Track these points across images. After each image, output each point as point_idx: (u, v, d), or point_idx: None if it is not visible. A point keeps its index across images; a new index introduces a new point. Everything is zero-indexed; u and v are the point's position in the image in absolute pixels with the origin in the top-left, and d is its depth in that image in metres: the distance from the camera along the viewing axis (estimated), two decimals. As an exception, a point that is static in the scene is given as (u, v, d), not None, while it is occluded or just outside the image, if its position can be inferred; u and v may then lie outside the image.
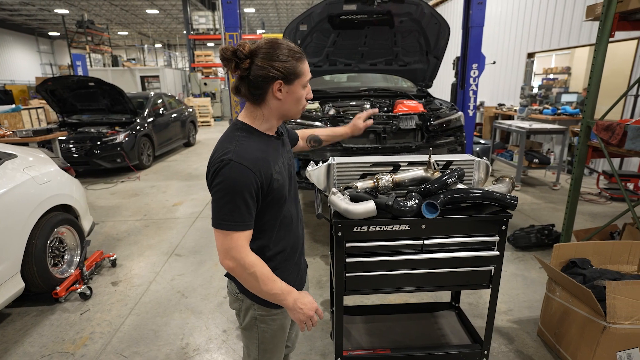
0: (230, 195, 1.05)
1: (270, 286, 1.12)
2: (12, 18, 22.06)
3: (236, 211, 1.06)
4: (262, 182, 1.10)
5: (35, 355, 2.21)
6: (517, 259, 3.26)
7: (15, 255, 2.42)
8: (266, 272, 1.12)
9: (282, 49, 1.09)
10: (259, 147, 1.13)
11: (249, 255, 1.10)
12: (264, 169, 1.10)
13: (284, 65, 1.07)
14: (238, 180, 1.05)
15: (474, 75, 4.65)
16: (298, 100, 1.15)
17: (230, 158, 1.05)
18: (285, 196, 1.20)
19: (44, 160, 2.97)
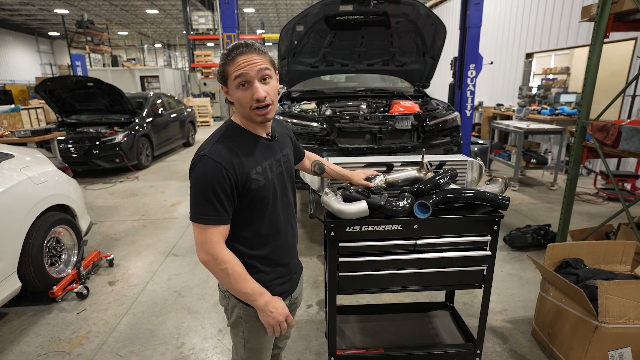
0: (204, 190, 1.08)
1: (241, 285, 1.13)
2: (12, 18, 22.08)
3: (210, 205, 1.08)
4: (237, 180, 1.11)
5: (32, 354, 2.23)
6: (513, 259, 3.27)
7: (11, 255, 2.43)
8: (238, 270, 1.13)
9: (223, 53, 1.13)
10: (238, 145, 1.15)
11: (223, 251, 1.11)
12: (239, 166, 1.11)
13: (220, 69, 1.13)
14: (210, 175, 1.07)
15: (471, 75, 4.66)
16: (239, 102, 1.13)
17: (205, 153, 1.10)
18: (267, 197, 1.20)
19: (41, 160, 2.98)
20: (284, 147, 1.32)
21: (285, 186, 1.30)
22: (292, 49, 3.54)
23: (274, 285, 1.29)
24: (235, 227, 1.18)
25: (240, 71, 1.07)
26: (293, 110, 3.44)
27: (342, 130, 3.14)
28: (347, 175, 1.72)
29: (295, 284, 1.43)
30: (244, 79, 1.08)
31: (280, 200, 1.27)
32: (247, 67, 1.07)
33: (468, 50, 4.60)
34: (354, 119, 3.12)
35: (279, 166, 1.27)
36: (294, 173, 1.40)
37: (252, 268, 1.24)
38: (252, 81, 1.09)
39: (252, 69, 1.08)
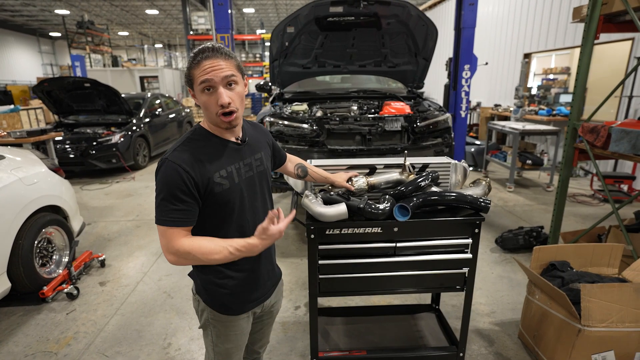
0: (164, 193, 1.09)
1: (219, 257, 1.09)
2: (13, 19, 22.16)
3: (170, 208, 1.09)
4: (198, 183, 1.10)
5: (19, 354, 2.24)
6: (504, 261, 3.26)
7: (1, 256, 2.45)
8: (205, 247, 1.09)
9: (190, 56, 1.13)
10: (203, 150, 1.15)
11: (183, 244, 1.09)
12: (200, 170, 1.11)
13: (185, 73, 1.14)
14: (171, 178, 1.08)
15: (465, 76, 4.65)
16: (204, 106, 1.12)
17: (167, 157, 1.11)
18: (232, 202, 1.18)
19: (33, 161, 2.99)
20: (255, 151, 1.30)
21: (255, 190, 1.27)
22: (283, 50, 3.55)
23: (241, 292, 1.28)
24: (203, 232, 1.18)
25: (205, 76, 1.07)
26: (284, 112, 3.45)
27: (332, 131, 3.14)
28: (330, 177, 1.72)
29: (268, 291, 1.39)
30: (209, 84, 1.08)
31: (250, 204, 1.25)
32: (212, 73, 1.07)
33: (463, 51, 4.59)
34: (344, 121, 3.12)
35: (249, 170, 1.25)
36: (269, 177, 1.38)
37: (220, 273, 1.24)
38: (217, 87, 1.08)
39: (217, 74, 1.07)
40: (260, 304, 1.37)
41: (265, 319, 1.49)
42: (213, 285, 1.24)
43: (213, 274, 1.24)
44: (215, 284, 1.24)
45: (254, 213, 1.27)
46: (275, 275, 1.44)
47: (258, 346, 1.57)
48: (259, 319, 1.45)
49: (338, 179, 1.71)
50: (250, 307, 1.32)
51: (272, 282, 1.42)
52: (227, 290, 1.25)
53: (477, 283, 2.92)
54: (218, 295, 1.25)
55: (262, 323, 1.49)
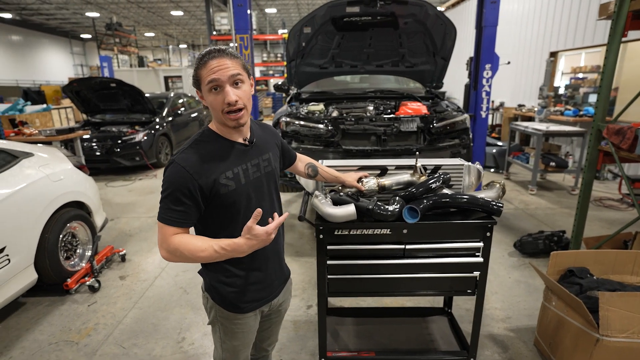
0: (168, 193, 1.12)
1: (205, 255, 1.11)
2: (48, 22, 23.19)
3: (173, 207, 1.12)
4: (202, 186, 1.13)
5: (44, 342, 2.35)
6: (522, 266, 3.18)
7: (29, 248, 2.58)
8: (192, 244, 1.11)
9: (197, 57, 1.15)
10: (208, 151, 1.17)
11: (172, 240, 1.11)
12: (205, 173, 1.13)
13: (193, 74, 1.16)
14: (175, 180, 1.12)
15: (487, 76, 4.54)
16: (211, 105, 1.15)
17: (174, 159, 1.14)
18: (239, 203, 1.20)
19: (60, 158, 3.13)
20: (264, 152, 1.31)
21: (262, 191, 1.28)
22: (300, 51, 3.57)
23: (248, 291, 1.30)
24: (209, 231, 1.21)
25: (212, 75, 1.09)
26: (300, 112, 3.47)
27: (347, 132, 3.14)
28: (340, 177, 1.72)
29: (276, 291, 1.40)
30: (216, 83, 1.10)
31: (257, 205, 1.25)
32: (219, 72, 1.09)
33: (484, 50, 4.48)
34: (359, 121, 3.12)
35: (256, 171, 1.26)
36: (277, 178, 1.39)
37: (227, 271, 1.26)
38: (224, 85, 1.10)
39: (223, 73, 1.09)
40: (268, 303, 1.38)
41: (273, 318, 1.50)
42: (221, 284, 1.27)
43: (221, 272, 1.26)
44: (223, 282, 1.27)
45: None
46: (283, 275, 1.46)
47: (266, 344, 1.60)
48: (267, 318, 1.47)
49: (348, 178, 1.71)
50: (257, 305, 1.33)
51: (280, 282, 1.43)
52: (235, 288, 1.27)
53: (493, 287, 2.85)
54: (226, 293, 1.27)
55: (270, 321, 1.51)
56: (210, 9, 16.08)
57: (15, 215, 2.47)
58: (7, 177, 2.55)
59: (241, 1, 4.30)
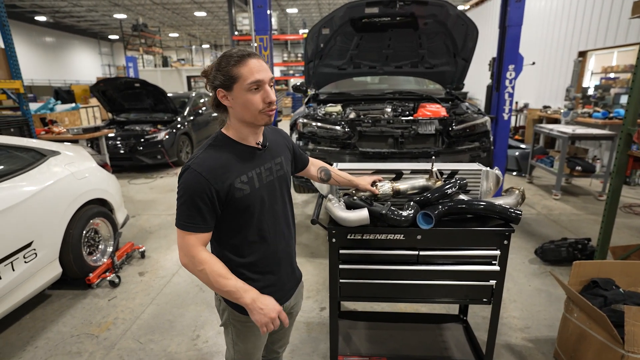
0: (185, 199, 1.13)
1: (222, 283, 1.13)
2: (78, 24, 24.10)
3: (190, 214, 1.13)
4: (219, 190, 1.14)
5: (66, 334, 2.44)
6: (543, 274, 3.07)
7: (54, 243, 2.68)
8: (217, 269, 1.14)
9: (225, 58, 1.14)
10: (225, 156, 1.18)
11: (201, 253, 1.14)
12: (221, 177, 1.14)
13: (221, 73, 1.14)
14: (192, 185, 1.12)
15: (510, 77, 4.40)
16: (245, 105, 1.14)
17: (189, 165, 1.15)
18: (252, 206, 1.21)
19: (84, 157, 3.24)
20: (276, 155, 1.33)
21: (275, 194, 1.30)
22: (318, 52, 3.57)
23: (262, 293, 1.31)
24: (223, 235, 1.23)
25: (257, 76, 1.11)
26: (318, 113, 3.47)
27: (364, 133, 3.11)
28: (354, 181, 1.70)
29: (289, 293, 1.42)
30: (259, 83, 1.12)
31: (270, 208, 1.27)
32: (262, 72, 1.12)
33: (507, 50, 4.35)
34: (376, 123, 3.09)
35: (269, 175, 1.28)
36: (289, 182, 1.41)
37: (240, 275, 1.25)
38: (264, 85, 1.13)
39: (265, 74, 1.13)
40: (282, 306, 1.39)
41: None
42: None
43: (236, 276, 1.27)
44: None
45: (273, 217, 1.30)
46: (295, 278, 1.46)
47: (277, 346, 1.60)
48: None
49: (362, 182, 1.69)
50: None
51: (292, 285, 1.44)
52: None
53: (512, 295, 2.77)
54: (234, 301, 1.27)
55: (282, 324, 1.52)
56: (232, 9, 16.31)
57: (42, 211, 2.57)
58: (36, 175, 2.66)
59: (261, 2, 4.33)
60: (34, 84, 20.07)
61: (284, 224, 1.36)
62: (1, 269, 2.28)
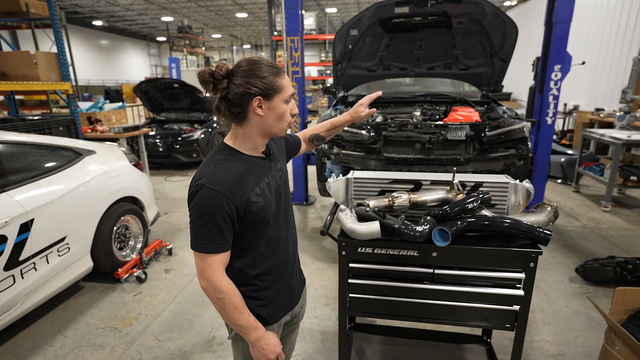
0: (204, 220, 1.08)
1: (236, 317, 1.14)
2: (130, 27, 25.58)
3: (209, 235, 1.08)
4: (237, 206, 1.10)
5: (93, 327, 2.56)
6: (584, 294, 2.81)
7: (86, 238, 2.82)
8: (235, 301, 1.13)
9: (260, 66, 1.10)
10: (237, 170, 1.13)
11: (222, 280, 1.12)
12: (238, 193, 1.10)
13: (262, 81, 1.09)
14: (210, 205, 1.06)
15: (555, 78, 4.08)
16: (280, 116, 1.15)
17: (203, 183, 1.07)
18: (267, 217, 1.19)
19: (118, 156, 3.39)
20: (277, 161, 1.31)
21: (281, 201, 1.29)
22: (347, 53, 3.49)
23: (275, 302, 1.30)
24: (237, 249, 1.19)
25: (292, 88, 1.17)
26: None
27: (389, 138, 3.00)
28: (347, 119, 1.63)
29: (297, 297, 1.43)
30: (292, 95, 1.18)
31: (278, 216, 1.27)
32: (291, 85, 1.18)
33: (553, 49, 4.02)
34: (402, 127, 2.96)
35: (275, 183, 1.26)
36: (288, 185, 1.39)
37: (254, 286, 1.24)
38: (291, 98, 1.19)
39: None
40: (290, 311, 1.39)
41: (292, 325, 1.51)
42: (247, 298, 1.23)
43: (248, 286, 1.24)
44: (250, 296, 1.23)
45: (284, 223, 1.31)
46: (301, 280, 1.48)
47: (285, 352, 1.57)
48: (287, 325, 1.47)
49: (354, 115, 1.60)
50: (282, 314, 1.34)
51: (299, 288, 1.46)
52: (262, 301, 1.27)
53: (547, 317, 2.56)
54: (252, 307, 1.23)
55: (289, 329, 1.52)
56: (272, 10, 16.56)
57: (75, 208, 2.71)
58: (71, 173, 2.81)
59: (293, 3, 4.32)
60: (90, 84, 21.55)
61: (290, 229, 1.38)
62: (37, 261, 2.42)
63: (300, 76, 4.57)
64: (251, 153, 1.20)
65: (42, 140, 2.78)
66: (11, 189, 2.36)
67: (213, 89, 1.10)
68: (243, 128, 1.16)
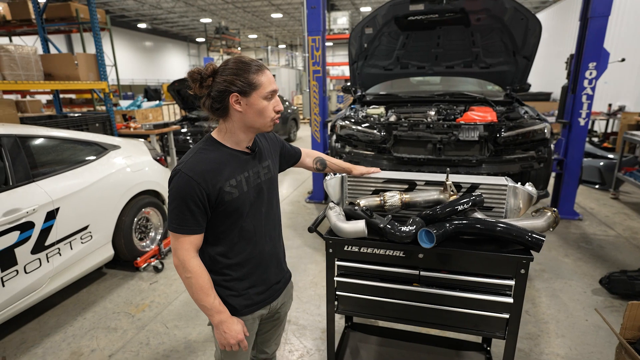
0: (177, 202, 1.16)
1: (201, 297, 1.18)
2: (172, 29, 26.76)
3: (182, 217, 1.16)
4: (209, 193, 1.16)
5: (110, 310, 2.73)
6: (607, 308, 2.62)
7: (108, 228, 3.00)
8: (201, 282, 1.18)
9: (241, 64, 1.15)
10: (214, 160, 1.19)
11: (192, 261, 1.18)
12: (211, 181, 1.16)
13: (240, 79, 1.14)
14: (183, 189, 1.15)
15: (589, 76, 3.82)
16: (260, 112, 1.18)
17: (180, 168, 1.17)
18: (240, 209, 1.24)
19: (142, 151, 3.57)
20: (264, 159, 1.35)
21: (262, 197, 1.32)
22: (362, 52, 3.46)
23: (248, 294, 1.33)
24: (211, 236, 1.26)
25: (273, 86, 1.19)
26: (358, 115, 3.38)
27: (400, 138, 2.94)
28: (347, 167, 1.73)
29: (276, 293, 1.44)
30: (274, 93, 1.20)
31: (257, 211, 1.30)
32: (275, 84, 1.21)
33: (588, 45, 3.77)
34: (413, 127, 2.89)
35: (257, 178, 1.30)
36: (276, 184, 1.42)
37: (227, 275, 1.30)
38: (275, 95, 1.21)
39: (276, 86, 1.21)
40: (267, 306, 1.41)
41: (273, 321, 1.53)
42: (220, 287, 1.30)
43: (221, 276, 1.30)
44: (222, 285, 1.30)
45: (260, 219, 1.33)
46: (283, 277, 1.49)
47: (267, 347, 1.61)
48: (267, 321, 1.50)
49: (356, 170, 1.73)
50: (255, 309, 1.36)
51: (280, 285, 1.46)
52: (234, 292, 1.31)
53: (561, 329, 2.42)
54: (225, 296, 1.30)
55: (270, 324, 1.54)
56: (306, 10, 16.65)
57: (98, 199, 2.89)
58: (96, 166, 3.00)
59: (314, 3, 4.35)
60: (134, 84, 22.78)
61: (271, 225, 1.39)
62: (61, 247, 2.61)
63: (320, 75, 4.59)
64: (234, 147, 1.25)
65: (70, 135, 2.99)
66: (40, 180, 2.56)
67: (199, 87, 1.18)
68: (226, 123, 1.23)
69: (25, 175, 2.48)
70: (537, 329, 2.43)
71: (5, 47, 4.06)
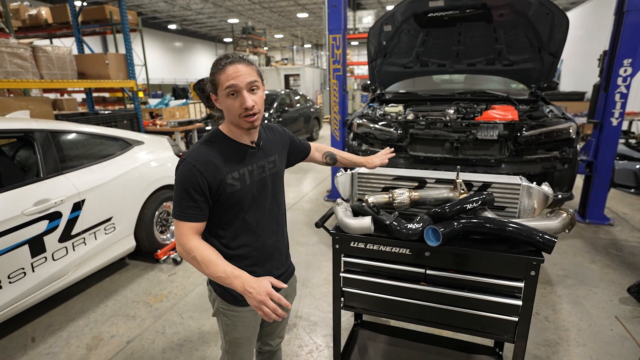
0: (180, 190, 1.20)
1: (212, 269, 1.14)
2: (200, 30, 27.45)
3: (184, 204, 1.19)
4: (210, 183, 1.19)
5: (130, 299, 2.84)
6: (636, 318, 2.48)
7: (130, 220, 3.12)
8: (207, 254, 1.15)
9: (214, 62, 1.19)
10: (217, 151, 1.23)
11: (191, 241, 1.18)
12: (214, 172, 1.19)
13: (211, 78, 1.19)
14: (186, 177, 1.18)
15: (624, 74, 3.62)
16: (228, 110, 1.20)
17: (184, 158, 1.21)
18: (242, 202, 1.26)
19: (165, 147, 3.69)
20: (269, 154, 1.36)
21: (266, 191, 1.34)
22: (381, 50, 3.43)
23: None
24: (214, 227, 1.29)
25: (231, 81, 1.14)
26: (375, 113, 3.35)
27: (416, 136, 2.89)
28: (361, 161, 1.72)
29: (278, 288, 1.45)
30: (234, 88, 1.15)
31: (260, 204, 1.32)
32: (237, 78, 1.14)
33: (623, 40, 3.56)
34: (430, 125, 2.83)
35: (261, 172, 1.32)
36: (282, 179, 1.44)
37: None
38: (241, 91, 1.15)
39: (241, 80, 1.14)
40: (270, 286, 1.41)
41: None
42: None
43: None
44: None
45: (263, 213, 1.34)
46: (286, 271, 1.50)
47: (271, 339, 1.63)
48: None
49: (369, 162, 1.70)
50: None
51: (283, 278, 1.47)
52: None
53: (583, 337, 2.31)
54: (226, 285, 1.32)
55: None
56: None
57: (121, 192, 3.02)
58: (120, 161, 3.12)
59: (336, 1, 4.34)
60: (163, 83, 23.53)
61: (274, 220, 1.40)
62: (86, 237, 2.74)
63: (341, 74, 4.58)
64: (239, 140, 1.28)
65: (97, 130, 3.13)
66: (68, 172, 2.69)
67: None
68: (224, 118, 1.27)
69: (54, 167, 2.62)
70: (557, 336, 2.33)
71: (43, 48, 4.30)
